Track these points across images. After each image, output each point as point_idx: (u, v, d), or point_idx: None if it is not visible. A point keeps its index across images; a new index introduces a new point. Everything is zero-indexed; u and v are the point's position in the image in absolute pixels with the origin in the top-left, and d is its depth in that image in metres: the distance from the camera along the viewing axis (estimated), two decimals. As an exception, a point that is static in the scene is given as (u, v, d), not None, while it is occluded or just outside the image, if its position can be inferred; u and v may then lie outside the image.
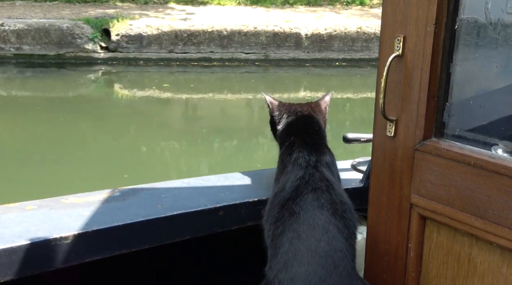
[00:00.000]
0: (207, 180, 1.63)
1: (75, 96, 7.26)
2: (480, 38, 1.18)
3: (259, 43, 8.15)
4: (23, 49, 7.73)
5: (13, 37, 7.67)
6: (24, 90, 7.33)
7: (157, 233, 1.39)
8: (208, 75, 7.93)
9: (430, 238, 1.24)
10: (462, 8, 1.15)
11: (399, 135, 1.25)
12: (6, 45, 7.68)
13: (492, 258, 1.14)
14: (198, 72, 7.92)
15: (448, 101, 1.20)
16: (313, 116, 1.57)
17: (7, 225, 1.29)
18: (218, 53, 8.03)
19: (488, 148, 1.14)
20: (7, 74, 7.62)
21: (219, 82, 7.81)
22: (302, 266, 1.21)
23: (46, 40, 7.71)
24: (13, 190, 4.07)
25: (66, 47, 7.73)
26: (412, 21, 1.18)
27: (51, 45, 7.72)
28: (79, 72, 7.71)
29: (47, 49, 7.72)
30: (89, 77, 7.80)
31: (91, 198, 1.47)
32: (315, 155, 1.42)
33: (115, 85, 7.70)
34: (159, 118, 6.54)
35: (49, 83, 7.49)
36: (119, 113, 6.68)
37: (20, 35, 7.67)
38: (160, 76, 7.76)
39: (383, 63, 1.22)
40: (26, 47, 7.72)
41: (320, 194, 1.32)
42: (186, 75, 7.89)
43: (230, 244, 1.65)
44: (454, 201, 1.16)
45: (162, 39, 7.90)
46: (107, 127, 6.03)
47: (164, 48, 7.94)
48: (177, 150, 5.57)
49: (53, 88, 7.34)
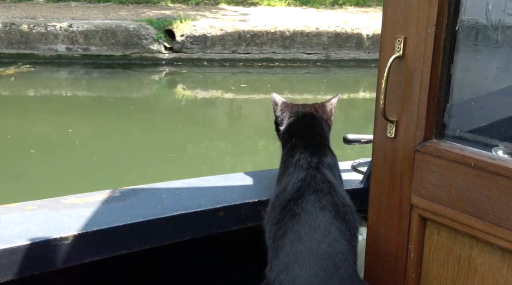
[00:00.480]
0: (207, 180, 1.63)
1: (139, 97, 7.32)
2: (481, 39, 1.18)
3: (321, 43, 8.21)
4: (90, 50, 7.84)
5: (81, 38, 7.79)
6: (90, 91, 7.38)
7: (157, 234, 1.39)
8: (269, 75, 7.99)
9: (431, 239, 1.24)
10: (462, 9, 1.15)
11: (400, 136, 1.25)
12: (74, 46, 7.81)
13: (492, 260, 1.14)
14: (259, 73, 7.99)
15: (448, 102, 1.20)
16: (316, 117, 1.56)
17: (7, 226, 1.29)
18: (280, 53, 8.10)
19: (488, 150, 1.14)
20: (74, 75, 7.71)
21: (280, 82, 7.84)
22: (304, 268, 1.21)
23: (113, 41, 7.82)
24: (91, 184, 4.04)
25: (132, 47, 7.84)
26: (413, 22, 1.18)
27: (118, 46, 7.83)
28: (144, 73, 7.81)
29: (113, 50, 7.83)
30: (154, 77, 7.89)
31: (91, 198, 1.47)
32: (317, 156, 1.41)
33: (178, 85, 7.78)
34: (217, 118, 6.59)
35: (115, 84, 7.54)
36: (181, 113, 6.71)
37: (88, 36, 7.78)
38: (222, 77, 7.85)
39: (384, 64, 1.22)
40: (93, 48, 7.84)
41: (322, 196, 1.31)
42: (248, 75, 7.97)
43: (230, 245, 1.65)
44: (455, 202, 1.16)
45: (225, 39, 7.99)
46: (169, 127, 6.02)
47: (227, 48, 8.03)
48: (240, 150, 5.55)
49: (118, 89, 7.38)
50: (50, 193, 1.63)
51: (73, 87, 7.44)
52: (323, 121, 1.57)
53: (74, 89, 7.38)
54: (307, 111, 1.58)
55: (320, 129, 1.53)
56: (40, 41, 7.70)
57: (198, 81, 7.74)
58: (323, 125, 1.56)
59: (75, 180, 4.21)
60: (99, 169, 4.59)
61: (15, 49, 7.71)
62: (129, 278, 1.56)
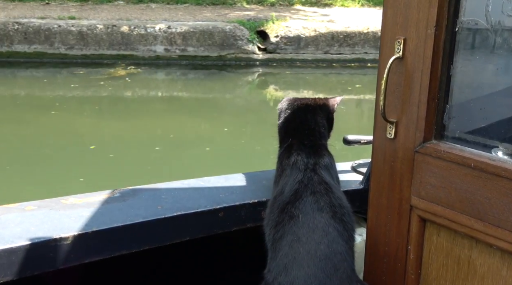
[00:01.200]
0: (207, 181, 1.63)
1: (231, 97, 7.38)
2: (481, 41, 1.18)
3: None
4: (188, 51, 7.94)
5: (179, 39, 7.89)
6: (186, 92, 7.46)
7: (157, 234, 1.39)
8: (360, 76, 8.01)
9: (430, 240, 1.24)
10: (462, 10, 1.15)
11: (399, 137, 1.25)
12: (172, 47, 7.90)
13: (492, 261, 1.14)
14: (351, 74, 8.03)
15: (448, 103, 1.20)
16: (314, 113, 1.51)
17: (7, 226, 1.29)
18: (371, 54, 8.12)
19: (488, 151, 1.14)
20: (171, 76, 7.81)
21: (369, 84, 7.78)
22: (302, 269, 1.21)
23: (209, 41, 7.93)
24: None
25: (228, 48, 7.93)
26: (413, 23, 1.18)
27: (214, 47, 7.93)
28: (238, 74, 7.89)
29: (210, 51, 7.93)
30: (247, 78, 7.97)
31: (91, 198, 1.47)
32: (313, 157, 1.40)
33: (271, 86, 7.82)
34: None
35: (209, 85, 7.61)
36: (271, 113, 6.75)
37: (186, 37, 7.89)
38: (314, 77, 7.89)
39: (384, 65, 1.22)
40: (190, 49, 7.93)
41: (319, 197, 1.31)
42: (339, 76, 8.01)
43: (230, 245, 1.65)
44: (454, 203, 1.16)
45: (319, 40, 8.06)
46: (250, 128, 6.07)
47: (320, 49, 8.10)
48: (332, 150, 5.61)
49: (212, 90, 7.43)
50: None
51: (170, 88, 7.54)
52: (323, 117, 1.52)
53: (171, 90, 7.47)
54: (307, 105, 1.52)
55: (318, 126, 1.49)
56: (140, 43, 7.85)
57: (290, 82, 7.81)
58: (321, 121, 1.50)
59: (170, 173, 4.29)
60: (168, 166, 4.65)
61: (116, 50, 7.85)
62: (129, 279, 1.56)
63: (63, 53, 7.77)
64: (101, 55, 7.81)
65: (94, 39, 7.79)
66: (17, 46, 7.72)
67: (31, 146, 5.13)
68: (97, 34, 7.78)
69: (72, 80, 7.33)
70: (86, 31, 7.77)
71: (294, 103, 1.54)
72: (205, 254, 1.63)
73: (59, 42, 7.76)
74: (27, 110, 6.40)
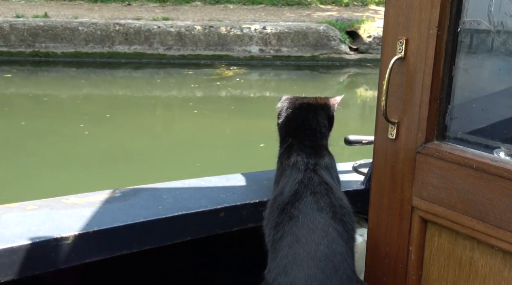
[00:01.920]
0: (208, 181, 1.63)
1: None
2: (483, 41, 1.17)
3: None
4: (282, 51, 8.06)
5: (274, 40, 8.03)
6: (278, 92, 7.48)
7: (158, 234, 1.39)
8: None
9: (431, 241, 1.24)
10: (465, 11, 1.15)
11: (401, 137, 1.24)
12: (267, 47, 8.05)
13: (493, 262, 1.14)
14: None
15: (450, 103, 1.19)
16: (315, 113, 1.50)
17: (7, 225, 1.29)
18: None
19: (490, 151, 1.13)
20: (264, 77, 7.89)
21: None
22: (302, 270, 1.20)
23: (303, 42, 8.06)
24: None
25: (321, 48, 8.05)
26: (415, 24, 1.18)
27: (308, 47, 8.05)
28: (329, 74, 7.96)
29: (303, 51, 8.05)
30: (339, 79, 8.03)
31: (92, 198, 1.47)
32: (314, 158, 1.39)
33: (362, 86, 7.85)
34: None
35: (301, 85, 7.64)
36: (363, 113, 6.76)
37: (281, 37, 8.03)
38: None
39: (385, 66, 1.21)
40: (284, 49, 8.06)
41: (319, 197, 1.30)
42: None
43: (231, 246, 1.64)
44: (456, 204, 1.16)
45: None
46: None
47: None
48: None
49: (303, 90, 7.43)
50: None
51: (263, 88, 7.61)
52: (324, 116, 1.51)
53: (264, 90, 7.55)
54: (307, 106, 1.51)
55: (319, 128, 1.48)
56: (236, 43, 8.00)
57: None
58: (321, 123, 1.49)
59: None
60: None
61: (212, 50, 8.01)
62: (129, 279, 1.56)
63: (161, 53, 7.96)
64: (197, 56, 7.99)
65: (192, 40, 7.98)
66: (118, 47, 7.92)
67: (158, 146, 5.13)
68: (195, 35, 7.97)
69: (186, 80, 7.49)
70: (184, 32, 7.95)
71: (295, 103, 1.53)
72: (206, 254, 1.63)
73: (158, 43, 7.96)
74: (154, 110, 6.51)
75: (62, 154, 4.91)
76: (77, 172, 4.43)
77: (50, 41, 7.84)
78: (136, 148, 5.14)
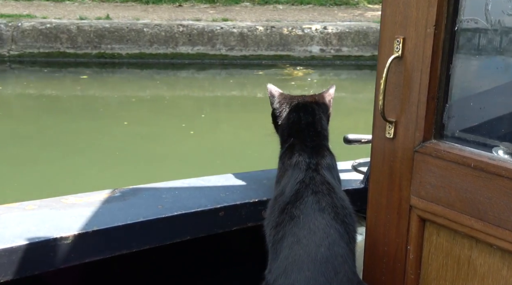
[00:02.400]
0: (207, 180, 1.63)
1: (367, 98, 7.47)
2: (480, 40, 1.17)
3: None
4: (342, 51, 8.09)
5: (334, 39, 8.06)
6: (343, 92, 7.46)
7: (157, 234, 1.40)
8: None
9: (430, 240, 1.24)
10: (462, 9, 1.14)
11: (399, 136, 1.24)
12: (327, 47, 8.09)
13: (492, 261, 1.14)
14: None
15: (447, 102, 1.19)
16: (315, 113, 1.50)
17: (7, 225, 1.30)
18: None
19: (488, 150, 1.13)
20: (324, 77, 7.92)
21: None
22: (302, 272, 1.19)
23: (364, 42, 8.09)
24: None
25: None
26: (412, 23, 1.18)
27: (368, 47, 8.07)
28: None
29: (363, 51, 8.08)
30: None
31: (92, 198, 1.47)
32: (315, 157, 1.39)
33: None
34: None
35: (360, 85, 7.62)
36: None
37: (341, 37, 8.07)
38: None
39: (383, 65, 1.21)
40: (345, 49, 8.09)
41: (321, 197, 1.30)
42: None
43: (231, 245, 1.65)
44: (454, 203, 1.16)
45: None
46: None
47: None
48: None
49: (363, 90, 7.41)
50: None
51: (323, 87, 7.55)
52: (323, 115, 1.51)
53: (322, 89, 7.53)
54: (307, 105, 1.51)
55: (320, 127, 1.48)
56: (297, 43, 8.04)
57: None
58: (322, 122, 1.50)
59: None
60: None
61: (273, 51, 8.06)
62: (129, 278, 1.57)
63: (224, 54, 8.01)
64: (259, 56, 8.04)
65: (254, 40, 8.03)
66: (181, 48, 7.99)
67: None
68: (257, 35, 8.02)
69: (259, 81, 7.49)
70: (246, 33, 8.01)
71: (293, 102, 1.53)
72: (206, 253, 1.63)
73: (221, 43, 8.02)
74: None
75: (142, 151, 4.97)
76: (152, 169, 4.49)
77: (115, 43, 7.92)
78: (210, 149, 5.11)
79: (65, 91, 7.36)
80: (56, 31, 7.82)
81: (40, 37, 7.80)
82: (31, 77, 7.74)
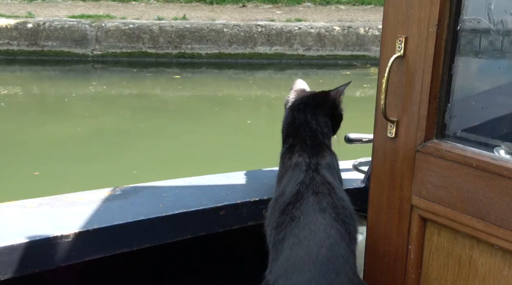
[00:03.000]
0: (208, 179, 1.63)
1: None
2: (483, 39, 1.17)
3: None
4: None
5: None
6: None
7: (158, 232, 1.39)
8: None
9: (431, 240, 1.24)
10: (464, 9, 1.14)
11: (400, 136, 1.24)
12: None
13: (493, 261, 1.14)
14: None
15: (449, 102, 1.19)
16: (309, 111, 1.46)
17: (8, 223, 1.30)
18: None
19: (490, 150, 1.13)
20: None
21: None
22: (303, 274, 1.19)
23: None
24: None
25: None
26: (414, 22, 1.17)
27: None
28: None
29: None
30: None
31: (93, 196, 1.47)
32: (316, 157, 1.37)
33: None
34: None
35: None
36: None
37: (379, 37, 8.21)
38: None
39: (385, 64, 1.21)
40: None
41: (321, 197, 1.29)
42: None
43: (231, 244, 1.65)
44: (456, 203, 1.16)
45: None
46: None
47: None
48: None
49: None
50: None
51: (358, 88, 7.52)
52: (322, 112, 1.46)
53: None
54: (301, 104, 1.48)
55: (316, 125, 1.44)
56: (373, 43, 8.05)
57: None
58: (319, 119, 1.45)
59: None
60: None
61: (350, 51, 8.09)
62: (129, 277, 1.56)
63: (301, 54, 8.03)
64: (335, 56, 8.06)
65: (331, 41, 8.05)
66: (260, 48, 8.04)
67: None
68: (334, 36, 8.04)
69: (348, 80, 7.41)
70: (324, 33, 8.04)
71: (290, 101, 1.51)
72: (206, 252, 1.63)
73: (298, 44, 8.05)
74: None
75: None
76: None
77: (195, 43, 7.97)
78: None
79: (163, 91, 7.37)
80: (139, 31, 7.85)
81: (123, 37, 7.82)
82: (125, 76, 7.71)
